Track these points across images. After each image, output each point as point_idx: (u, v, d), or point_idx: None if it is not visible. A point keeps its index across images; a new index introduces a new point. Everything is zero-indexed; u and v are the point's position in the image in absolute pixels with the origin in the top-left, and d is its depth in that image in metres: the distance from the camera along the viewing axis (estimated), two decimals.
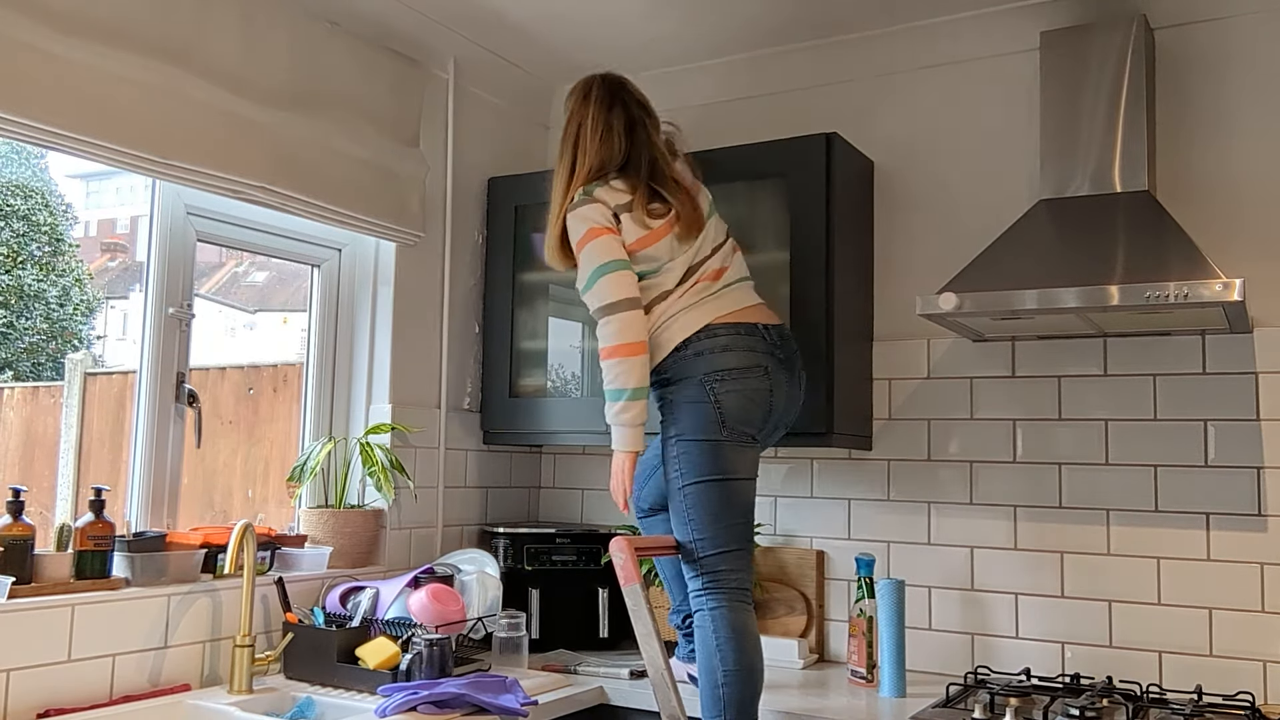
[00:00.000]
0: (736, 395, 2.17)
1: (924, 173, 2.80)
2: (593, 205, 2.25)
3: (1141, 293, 2.07)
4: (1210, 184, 2.47)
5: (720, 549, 2.16)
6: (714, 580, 2.15)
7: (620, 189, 2.26)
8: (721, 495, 2.17)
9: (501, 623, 2.52)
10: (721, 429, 2.17)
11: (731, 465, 2.17)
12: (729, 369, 2.18)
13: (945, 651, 2.65)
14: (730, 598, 2.14)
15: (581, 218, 2.26)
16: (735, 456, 2.18)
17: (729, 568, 2.16)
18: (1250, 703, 2.21)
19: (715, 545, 2.16)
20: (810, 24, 2.82)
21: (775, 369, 2.23)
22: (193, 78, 2.20)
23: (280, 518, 2.72)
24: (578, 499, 3.24)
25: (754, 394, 2.19)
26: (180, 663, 2.20)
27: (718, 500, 2.16)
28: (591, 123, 2.31)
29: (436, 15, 2.79)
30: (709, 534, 2.16)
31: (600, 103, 2.33)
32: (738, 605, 2.14)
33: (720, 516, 2.16)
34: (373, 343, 2.80)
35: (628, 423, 2.20)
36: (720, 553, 2.16)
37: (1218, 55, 2.49)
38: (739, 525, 2.19)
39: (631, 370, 2.18)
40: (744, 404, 2.18)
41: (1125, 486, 2.49)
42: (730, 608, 2.13)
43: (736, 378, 2.18)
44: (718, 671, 2.08)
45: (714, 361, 2.19)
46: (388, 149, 2.71)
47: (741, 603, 2.15)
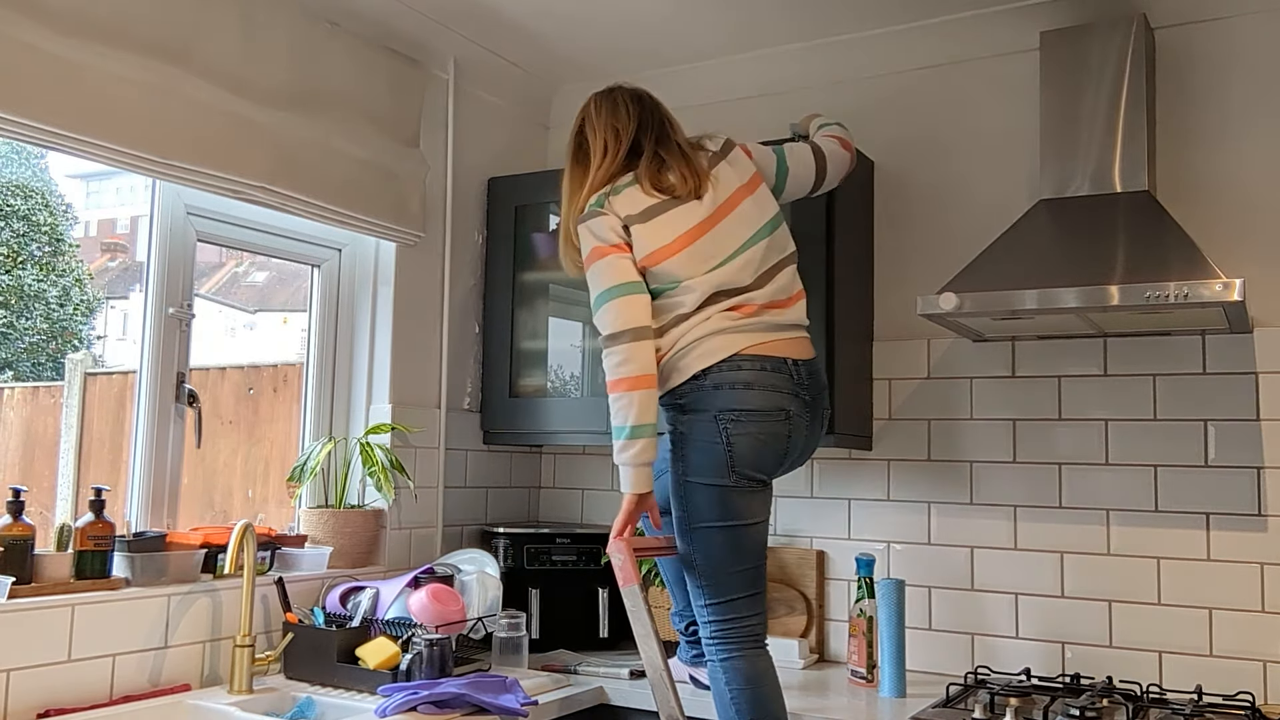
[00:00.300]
0: (750, 439, 2.02)
1: (924, 173, 2.80)
2: (601, 219, 2.11)
3: (1141, 293, 2.06)
4: (1210, 184, 2.47)
5: (728, 596, 2.04)
6: (722, 629, 2.04)
7: (633, 193, 2.12)
8: (728, 541, 2.03)
9: (501, 623, 2.52)
10: (730, 473, 2.02)
11: (738, 511, 2.03)
12: (747, 409, 2.02)
13: (945, 651, 2.65)
14: (741, 646, 2.02)
15: (590, 231, 2.12)
16: (743, 502, 2.04)
17: (737, 615, 2.04)
18: (1250, 703, 2.21)
19: (722, 593, 2.04)
20: (810, 24, 2.82)
21: (798, 411, 2.08)
22: (193, 78, 2.20)
23: (280, 518, 2.72)
24: (578, 499, 3.24)
25: (770, 439, 2.04)
26: (180, 663, 2.20)
27: (724, 546, 2.03)
28: (600, 120, 2.21)
29: (436, 15, 2.79)
30: (715, 581, 2.04)
31: (609, 97, 2.23)
32: (750, 653, 2.02)
33: (727, 563, 2.04)
34: (373, 343, 2.80)
35: (630, 462, 2.04)
36: (728, 600, 2.04)
37: (1218, 55, 2.49)
38: (748, 571, 2.05)
39: (632, 406, 2.01)
40: (757, 448, 2.03)
41: (1125, 486, 2.49)
42: (743, 657, 2.01)
43: (755, 420, 2.02)
44: None
45: (732, 399, 2.02)
46: (388, 149, 2.71)
47: (755, 649, 2.03)
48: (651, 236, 2.10)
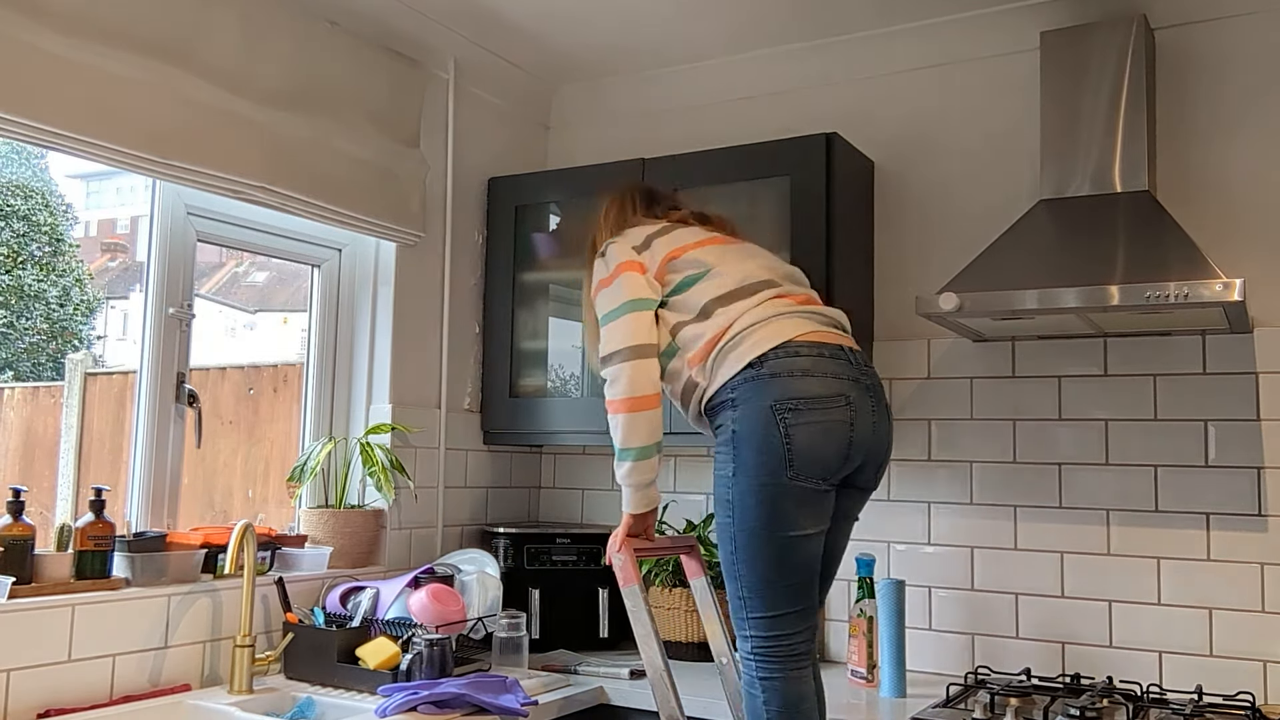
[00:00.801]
0: (811, 429, 1.84)
1: (924, 173, 2.80)
2: (618, 242, 2.11)
3: (1142, 293, 2.06)
4: (1210, 184, 2.47)
5: (772, 612, 1.87)
6: (764, 645, 1.89)
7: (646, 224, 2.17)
8: (778, 553, 1.85)
9: (502, 623, 2.52)
10: (788, 470, 1.83)
11: (793, 518, 1.85)
12: (807, 397, 1.85)
13: (945, 651, 2.65)
14: (784, 666, 1.88)
15: (608, 258, 2.09)
16: (800, 507, 1.85)
17: (782, 631, 1.88)
18: (1250, 703, 2.21)
19: (766, 608, 1.87)
20: (810, 24, 2.82)
21: (859, 397, 1.91)
22: (193, 78, 2.20)
23: (280, 518, 2.72)
24: (578, 499, 3.24)
25: (833, 427, 1.86)
26: (180, 663, 2.20)
27: (773, 558, 1.85)
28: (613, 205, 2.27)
29: (436, 15, 2.79)
30: (760, 595, 1.87)
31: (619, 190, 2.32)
32: (794, 674, 1.88)
33: (775, 577, 1.86)
34: (373, 343, 2.80)
35: (635, 485, 1.97)
36: (773, 616, 1.87)
37: (1218, 55, 2.49)
38: (797, 585, 1.88)
39: (638, 427, 1.93)
40: (819, 440, 1.84)
41: (1125, 486, 2.49)
42: (784, 678, 1.87)
43: (815, 408, 1.85)
44: None
45: (790, 387, 1.86)
46: (388, 149, 2.71)
47: (798, 669, 1.89)
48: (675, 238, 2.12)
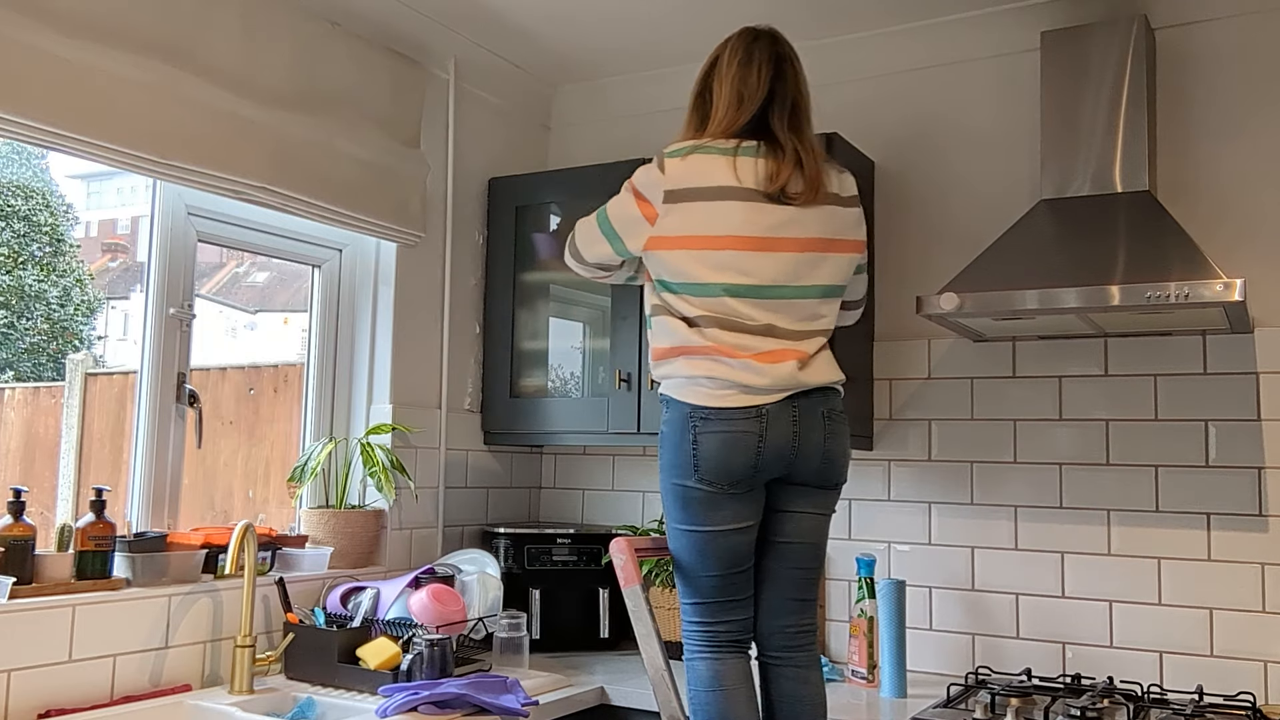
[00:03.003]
0: (716, 438, 1.89)
1: (924, 173, 2.80)
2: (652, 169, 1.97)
3: (1142, 293, 2.07)
4: (1211, 184, 2.47)
5: (696, 599, 1.98)
6: (692, 628, 1.99)
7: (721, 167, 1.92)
8: (694, 546, 1.94)
9: (502, 623, 2.52)
10: (693, 474, 1.90)
11: (703, 517, 1.92)
12: (716, 408, 1.89)
13: (946, 652, 2.65)
14: (704, 649, 1.96)
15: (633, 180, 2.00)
16: (711, 509, 1.91)
17: (704, 619, 1.97)
18: (1251, 703, 2.21)
19: (692, 595, 1.98)
20: (810, 24, 2.82)
21: (777, 409, 1.90)
22: (193, 78, 2.20)
23: (281, 518, 2.72)
24: (578, 499, 3.24)
25: (739, 438, 1.89)
26: (181, 663, 2.20)
27: (691, 550, 1.95)
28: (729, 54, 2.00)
29: (436, 15, 2.79)
30: (687, 582, 1.99)
31: (742, 38, 2.03)
32: (712, 656, 1.95)
33: (697, 567, 1.95)
34: (373, 343, 2.80)
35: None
36: (697, 603, 1.98)
37: (1218, 55, 2.49)
38: (720, 578, 1.95)
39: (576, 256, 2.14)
40: (722, 450, 1.88)
41: (1126, 487, 2.49)
42: (706, 660, 1.96)
43: (723, 419, 1.89)
44: None
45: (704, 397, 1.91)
46: (388, 149, 2.71)
47: (723, 653, 1.95)
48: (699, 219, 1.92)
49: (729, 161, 1.93)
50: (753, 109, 1.97)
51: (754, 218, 1.92)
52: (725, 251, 1.91)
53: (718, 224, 1.91)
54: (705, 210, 1.92)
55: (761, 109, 1.97)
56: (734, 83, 1.98)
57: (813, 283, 1.96)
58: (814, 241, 1.95)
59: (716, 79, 2.02)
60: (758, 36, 2.02)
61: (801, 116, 2.00)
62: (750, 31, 2.03)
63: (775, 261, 1.93)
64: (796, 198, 1.93)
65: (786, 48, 2.03)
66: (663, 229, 1.95)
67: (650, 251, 1.99)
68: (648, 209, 1.97)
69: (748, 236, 1.91)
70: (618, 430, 2.76)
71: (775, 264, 1.93)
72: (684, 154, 1.95)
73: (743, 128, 1.97)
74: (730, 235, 1.91)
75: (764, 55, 1.99)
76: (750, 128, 1.97)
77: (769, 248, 1.92)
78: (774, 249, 1.92)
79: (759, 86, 1.97)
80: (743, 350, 1.90)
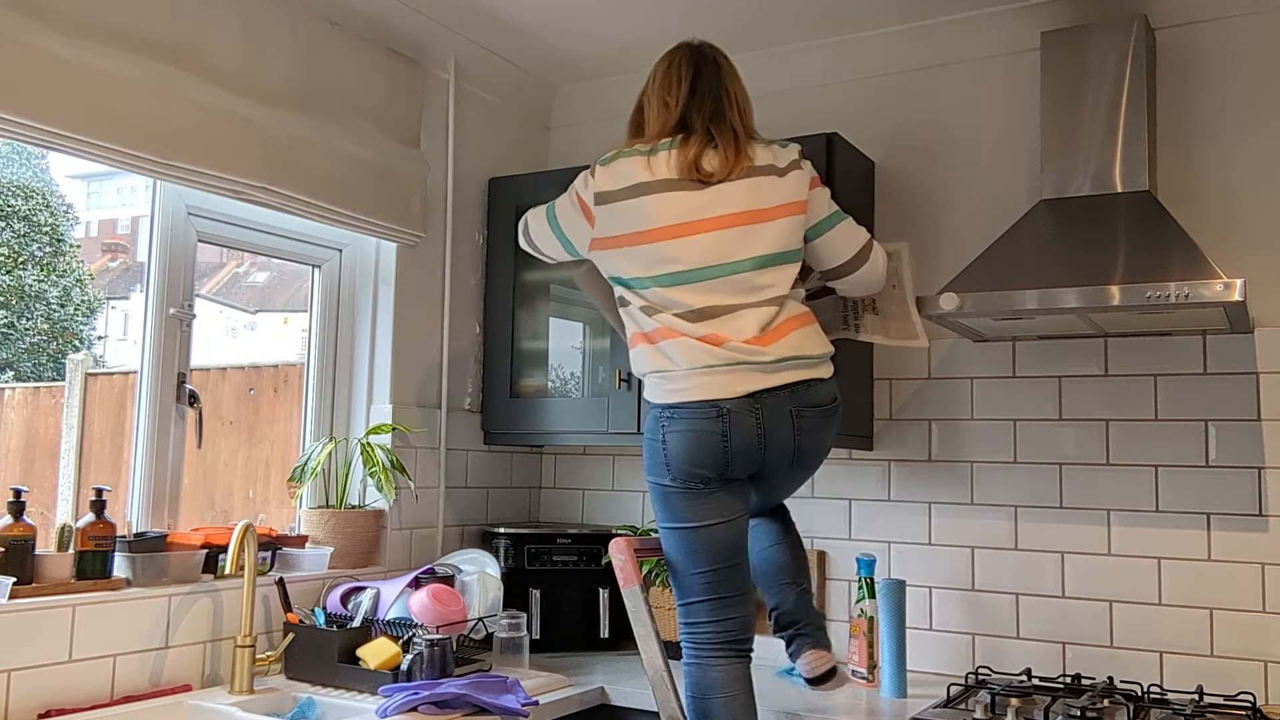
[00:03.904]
0: (682, 436, 1.93)
1: (925, 173, 2.80)
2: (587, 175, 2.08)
3: (1142, 293, 2.06)
4: (1210, 184, 2.47)
5: (687, 600, 1.99)
6: (690, 630, 2.00)
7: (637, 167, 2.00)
8: (682, 543, 1.97)
9: (502, 623, 2.52)
10: (667, 472, 1.96)
11: (685, 514, 1.96)
12: (679, 404, 1.94)
13: (946, 652, 2.65)
14: (700, 654, 1.97)
15: (574, 184, 2.11)
16: (690, 504, 1.96)
17: (704, 619, 1.98)
18: (1251, 703, 2.21)
19: (687, 594, 1.99)
20: (810, 24, 2.82)
21: (739, 409, 1.92)
22: (193, 78, 2.21)
23: (281, 518, 2.72)
24: (578, 499, 3.24)
25: (703, 436, 1.92)
26: (181, 663, 2.20)
27: (679, 548, 1.98)
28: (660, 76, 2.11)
29: (436, 15, 2.79)
30: (678, 582, 2.01)
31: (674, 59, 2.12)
32: (707, 661, 1.96)
33: (687, 565, 1.98)
34: (373, 343, 2.80)
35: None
36: (694, 602, 1.99)
37: (1218, 55, 2.49)
38: (711, 574, 1.96)
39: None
40: (688, 446, 1.92)
41: (1126, 486, 2.49)
42: (701, 665, 1.97)
43: (685, 416, 1.93)
44: None
45: (671, 396, 1.96)
46: (388, 149, 2.71)
47: (718, 657, 1.96)
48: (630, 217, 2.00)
49: (644, 160, 2.02)
50: (678, 111, 2.07)
51: (670, 206, 1.98)
52: (651, 245, 1.98)
53: (637, 220, 2.00)
54: (625, 209, 2.01)
55: (684, 109, 2.06)
56: (659, 93, 2.10)
57: (746, 255, 1.97)
58: (740, 215, 1.98)
59: (646, 95, 2.14)
60: (680, 48, 2.14)
61: (725, 108, 2.05)
62: (677, 47, 2.15)
63: (700, 243, 1.97)
64: (712, 175, 1.98)
65: (709, 51, 2.13)
66: (599, 231, 2.06)
67: (594, 252, 2.09)
68: (587, 213, 2.07)
69: (667, 225, 1.98)
70: (618, 430, 2.76)
71: (700, 246, 1.97)
72: (609, 160, 2.07)
73: (670, 130, 2.06)
74: (651, 228, 1.98)
75: (683, 61, 2.10)
76: (675, 129, 2.06)
77: (691, 231, 1.97)
78: (696, 231, 1.97)
79: (679, 89, 2.07)
80: (689, 334, 1.95)
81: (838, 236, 2.13)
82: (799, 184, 2.05)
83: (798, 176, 2.05)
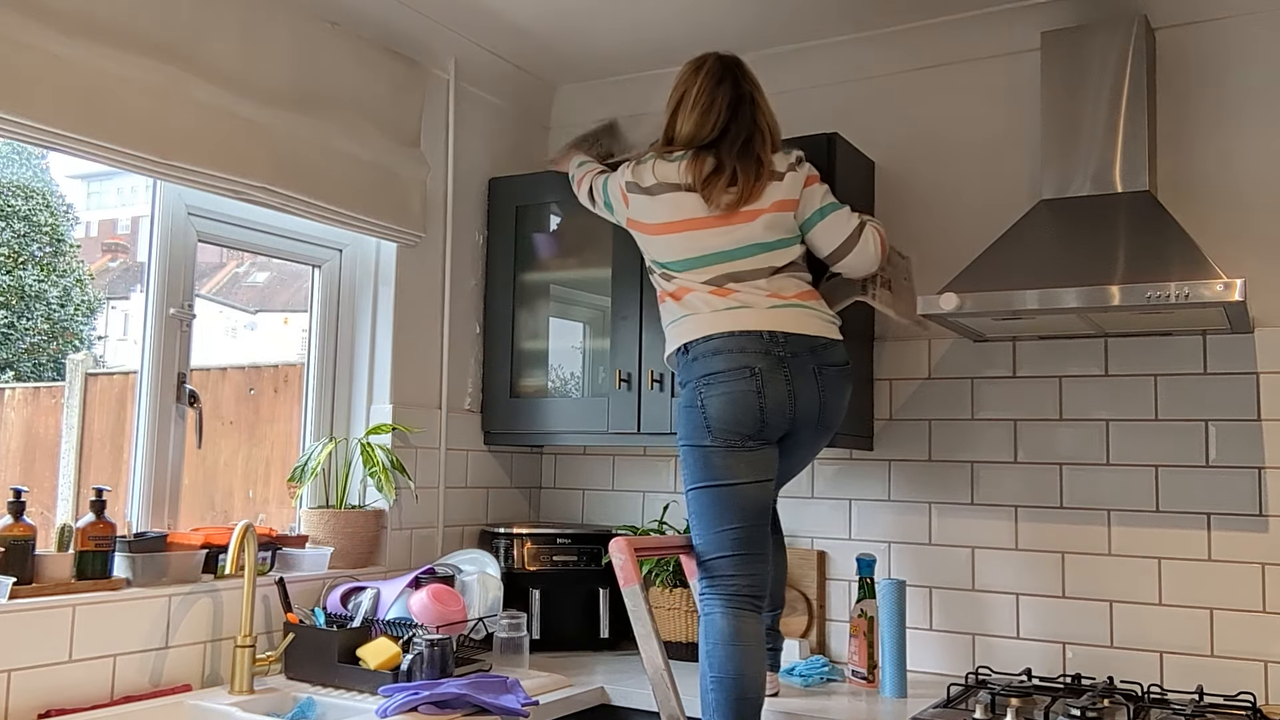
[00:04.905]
0: (719, 399, 2.15)
1: (925, 173, 2.80)
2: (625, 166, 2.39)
3: (1143, 293, 2.07)
4: (1210, 184, 2.47)
5: (719, 554, 2.14)
6: (712, 584, 2.15)
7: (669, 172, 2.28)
8: (716, 501, 2.15)
9: (502, 623, 2.52)
10: (708, 434, 2.16)
11: (722, 471, 2.15)
12: (714, 372, 2.16)
13: (946, 652, 2.65)
14: (727, 604, 2.12)
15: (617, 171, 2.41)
16: (728, 462, 2.15)
17: (729, 573, 2.13)
18: (1251, 703, 2.21)
19: (714, 549, 2.15)
20: (811, 24, 2.82)
21: (769, 369, 2.15)
22: (193, 78, 2.20)
23: (281, 518, 2.72)
24: (578, 499, 3.24)
25: (739, 396, 2.14)
26: (181, 663, 2.20)
27: (713, 506, 2.15)
28: (696, 93, 2.31)
29: (436, 15, 2.79)
30: (708, 539, 2.16)
31: (710, 75, 2.32)
32: (733, 611, 2.11)
33: (717, 522, 2.14)
34: (373, 343, 2.80)
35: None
36: (719, 557, 2.14)
37: (1218, 55, 2.49)
38: (740, 530, 2.14)
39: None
40: (727, 407, 2.14)
41: (1126, 487, 2.49)
42: (724, 614, 2.11)
43: (721, 380, 2.15)
44: (707, 677, 2.08)
45: (704, 365, 2.18)
46: (388, 149, 2.71)
47: (739, 609, 2.11)
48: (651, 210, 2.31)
49: (670, 166, 2.30)
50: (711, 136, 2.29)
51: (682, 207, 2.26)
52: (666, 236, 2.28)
53: (657, 214, 2.30)
54: (649, 202, 2.31)
55: (717, 139, 2.28)
56: (694, 125, 2.29)
57: (746, 243, 2.24)
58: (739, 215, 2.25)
59: (682, 113, 2.32)
60: (721, 79, 2.31)
61: (755, 145, 2.27)
62: (716, 71, 2.33)
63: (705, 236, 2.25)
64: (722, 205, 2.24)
65: (746, 88, 2.33)
66: (631, 214, 2.37)
67: (629, 227, 2.41)
68: (624, 196, 2.38)
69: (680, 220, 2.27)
70: (618, 430, 2.76)
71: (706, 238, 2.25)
72: (642, 161, 2.36)
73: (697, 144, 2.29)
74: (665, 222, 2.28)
75: (725, 99, 2.30)
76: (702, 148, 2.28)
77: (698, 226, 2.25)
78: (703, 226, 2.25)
79: (713, 129, 2.28)
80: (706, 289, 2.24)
81: (828, 227, 2.33)
82: (794, 184, 2.29)
83: (793, 178, 2.29)
